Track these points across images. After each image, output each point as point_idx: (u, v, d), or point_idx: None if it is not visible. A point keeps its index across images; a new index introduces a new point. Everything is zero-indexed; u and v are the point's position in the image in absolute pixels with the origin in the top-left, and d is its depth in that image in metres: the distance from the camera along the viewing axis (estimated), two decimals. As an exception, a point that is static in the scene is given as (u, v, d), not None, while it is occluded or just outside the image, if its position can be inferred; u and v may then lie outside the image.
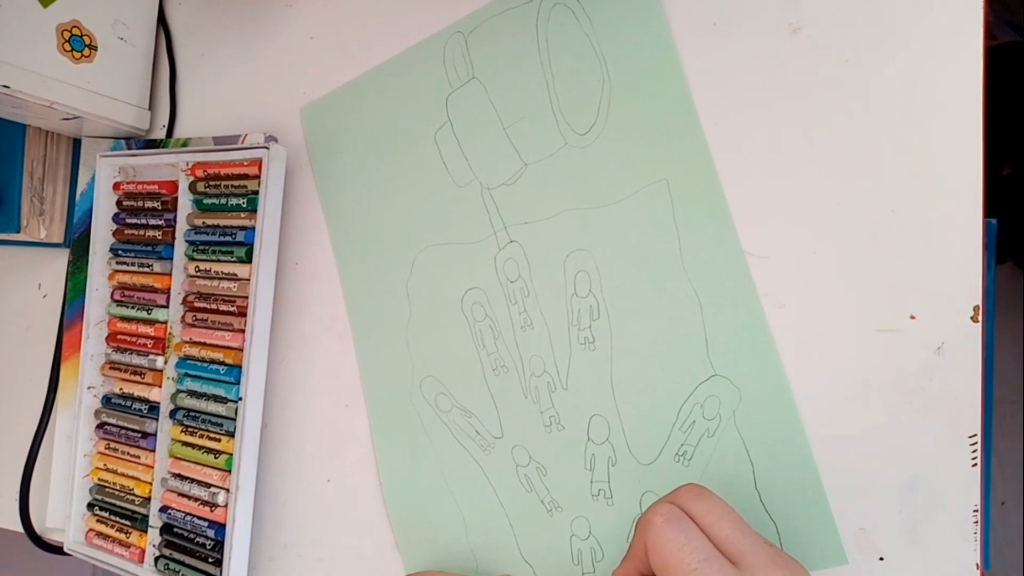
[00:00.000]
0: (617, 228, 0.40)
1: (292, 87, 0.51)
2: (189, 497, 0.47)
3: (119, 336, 0.53)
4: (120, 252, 0.53)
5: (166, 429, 0.49)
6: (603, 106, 0.41)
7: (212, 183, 0.49)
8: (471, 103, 0.44)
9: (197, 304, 0.49)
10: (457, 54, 0.45)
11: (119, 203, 0.54)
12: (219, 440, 0.46)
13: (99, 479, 0.52)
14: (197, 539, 0.46)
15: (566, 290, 0.41)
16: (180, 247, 0.50)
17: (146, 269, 0.51)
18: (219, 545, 0.45)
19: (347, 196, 0.48)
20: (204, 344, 0.48)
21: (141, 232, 0.52)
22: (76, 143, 0.58)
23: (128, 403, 0.52)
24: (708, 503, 0.30)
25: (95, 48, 0.51)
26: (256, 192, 0.47)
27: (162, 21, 0.56)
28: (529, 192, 0.42)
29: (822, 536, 0.34)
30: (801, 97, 0.36)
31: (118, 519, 0.51)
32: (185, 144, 0.53)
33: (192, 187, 0.50)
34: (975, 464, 0.32)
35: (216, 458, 0.46)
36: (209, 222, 0.49)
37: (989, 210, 0.33)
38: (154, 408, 0.50)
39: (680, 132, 0.39)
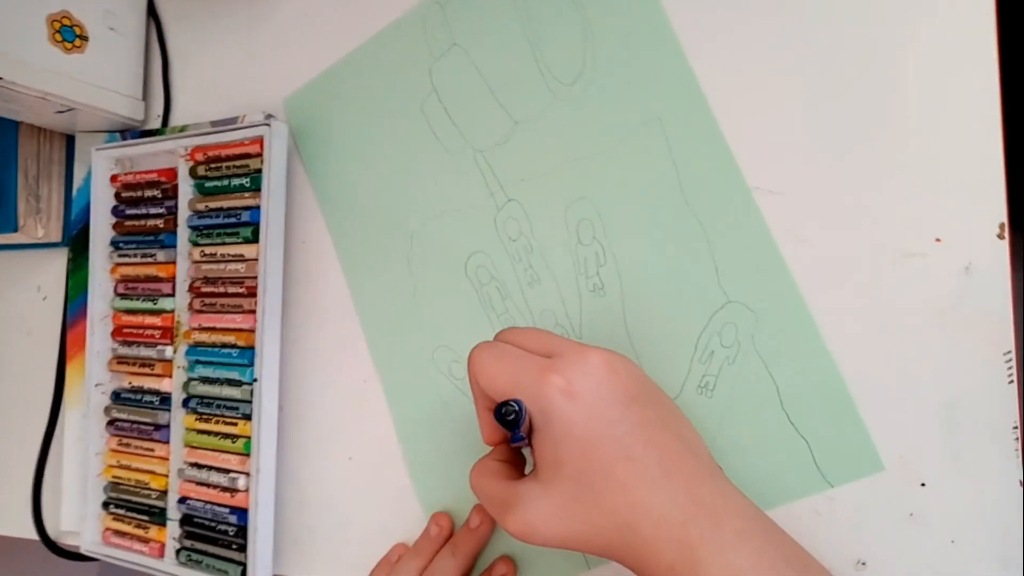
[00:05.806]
0: (615, 173, 0.40)
1: (288, 67, 0.50)
2: (208, 485, 0.46)
3: (125, 330, 0.52)
4: (121, 245, 0.52)
5: (179, 419, 0.48)
6: (587, 54, 0.40)
7: (213, 166, 0.48)
8: (455, 70, 0.44)
9: (204, 289, 0.48)
10: (436, 23, 0.45)
11: (117, 195, 0.53)
12: (235, 424, 0.46)
13: (113, 476, 0.51)
14: (219, 527, 0.45)
15: (569, 240, 0.41)
16: (183, 233, 0.49)
17: (149, 259, 0.51)
18: (242, 531, 0.45)
19: (339, 182, 0.48)
20: (214, 329, 0.47)
21: (142, 222, 0.51)
22: (70, 140, 0.57)
23: (139, 396, 0.51)
24: (516, 331, 0.34)
25: (86, 39, 0.50)
26: (259, 171, 0.46)
27: (152, 11, 0.55)
28: (522, 150, 0.42)
29: (855, 444, 0.34)
30: (807, 24, 0.36)
31: (135, 515, 0.50)
32: (183, 131, 0.52)
33: (192, 172, 0.49)
34: (1012, 381, 0.32)
35: (234, 443, 0.45)
36: (212, 205, 0.48)
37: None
38: (166, 399, 0.49)
39: (668, 69, 0.38)
